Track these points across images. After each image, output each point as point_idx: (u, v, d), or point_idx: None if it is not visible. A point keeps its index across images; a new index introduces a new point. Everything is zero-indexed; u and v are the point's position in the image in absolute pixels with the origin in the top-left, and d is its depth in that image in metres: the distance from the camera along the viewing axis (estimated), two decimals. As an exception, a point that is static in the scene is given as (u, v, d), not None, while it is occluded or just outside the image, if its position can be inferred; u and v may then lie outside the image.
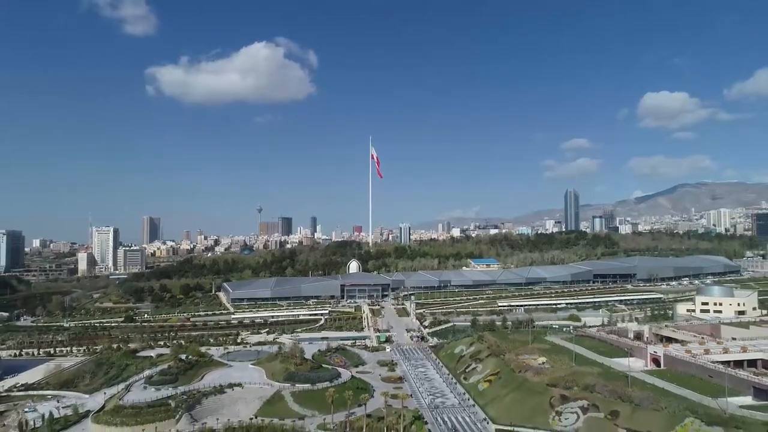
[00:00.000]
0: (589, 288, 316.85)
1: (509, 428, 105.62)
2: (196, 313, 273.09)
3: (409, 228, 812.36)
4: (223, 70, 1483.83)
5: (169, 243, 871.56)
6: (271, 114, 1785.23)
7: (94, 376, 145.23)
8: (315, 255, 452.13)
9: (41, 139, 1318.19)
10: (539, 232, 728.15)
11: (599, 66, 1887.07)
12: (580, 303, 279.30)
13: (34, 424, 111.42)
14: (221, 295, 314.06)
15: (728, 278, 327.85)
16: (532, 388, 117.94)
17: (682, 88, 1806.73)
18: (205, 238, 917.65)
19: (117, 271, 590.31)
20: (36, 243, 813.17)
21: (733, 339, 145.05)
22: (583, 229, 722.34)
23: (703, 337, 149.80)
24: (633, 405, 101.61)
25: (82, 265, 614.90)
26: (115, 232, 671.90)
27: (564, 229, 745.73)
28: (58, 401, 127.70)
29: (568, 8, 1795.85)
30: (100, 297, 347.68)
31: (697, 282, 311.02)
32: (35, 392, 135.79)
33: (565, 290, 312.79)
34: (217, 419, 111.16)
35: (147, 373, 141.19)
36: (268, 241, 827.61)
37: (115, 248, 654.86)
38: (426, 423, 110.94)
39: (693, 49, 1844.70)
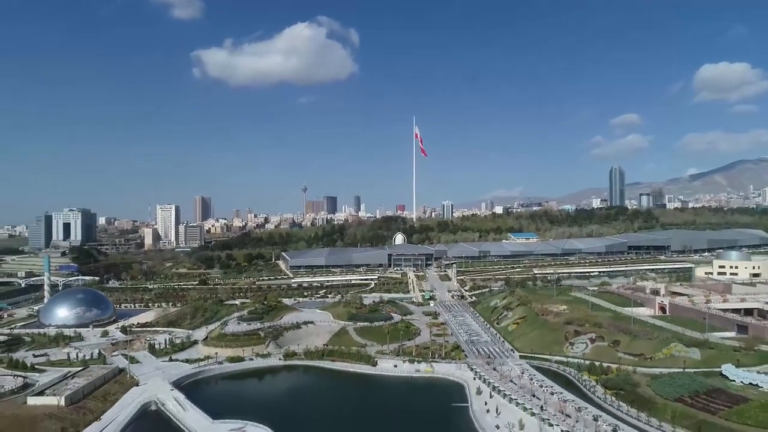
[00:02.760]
0: (623, 259, 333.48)
1: (531, 354, 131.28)
2: (260, 278, 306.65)
3: (452, 206, 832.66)
4: (267, 52, 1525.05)
5: (222, 221, 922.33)
6: (315, 94, 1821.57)
7: (193, 318, 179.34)
8: (362, 229, 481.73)
9: (94, 123, 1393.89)
10: (579, 208, 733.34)
11: (652, 38, 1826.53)
12: (612, 272, 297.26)
13: (159, 346, 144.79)
14: (280, 263, 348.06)
15: (762, 250, 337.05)
16: (551, 326, 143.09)
17: (743, 59, 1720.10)
18: (255, 216, 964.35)
19: (181, 245, 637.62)
20: (102, 221, 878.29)
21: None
22: (634, 207, 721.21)
23: (711, 293, 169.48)
24: (632, 336, 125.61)
25: (148, 240, 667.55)
26: (177, 209, 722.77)
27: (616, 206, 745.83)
28: (169, 334, 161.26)
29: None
30: (171, 265, 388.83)
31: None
32: (150, 329, 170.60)
33: (599, 261, 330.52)
34: (297, 345, 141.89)
35: (237, 314, 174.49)
36: (315, 218, 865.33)
37: (177, 224, 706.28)
38: (463, 351, 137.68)
39: (755, 17, 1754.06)
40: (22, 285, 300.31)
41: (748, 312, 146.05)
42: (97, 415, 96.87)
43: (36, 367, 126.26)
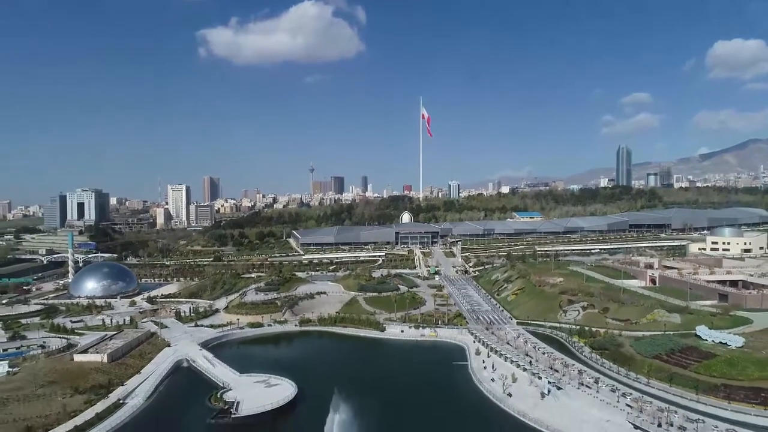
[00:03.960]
0: (624, 236, 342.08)
1: (527, 321, 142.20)
2: (272, 255, 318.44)
3: (458, 186, 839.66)
4: (273, 30, 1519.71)
5: (231, 201, 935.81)
6: (321, 73, 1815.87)
7: (213, 289, 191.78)
8: (370, 209, 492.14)
9: (101, 105, 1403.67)
10: (584, 187, 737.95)
11: (665, 15, 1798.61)
12: (612, 249, 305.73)
13: (184, 313, 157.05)
14: (291, 241, 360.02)
15: (761, 228, 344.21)
16: (547, 295, 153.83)
17: (758, 35, 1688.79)
18: (264, 196, 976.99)
19: (192, 225, 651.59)
20: (113, 201, 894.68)
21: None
22: (639, 187, 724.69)
23: (700, 266, 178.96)
24: (620, 303, 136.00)
25: (160, 219, 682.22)
26: (187, 189, 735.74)
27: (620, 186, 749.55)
28: (192, 304, 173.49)
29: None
30: (186, 243, 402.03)
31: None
32: (174, 299, 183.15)
33: (601, 238, 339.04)
34: (312, 313, 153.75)
35: (254, 285, 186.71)
36: (323, 198, 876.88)
37: (188, 204, 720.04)
38: (465, 319, 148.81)
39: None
40: (44, 261, 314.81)
41: (734, 283, 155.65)
42: (137, 370, 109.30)
43: (75, 331, 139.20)
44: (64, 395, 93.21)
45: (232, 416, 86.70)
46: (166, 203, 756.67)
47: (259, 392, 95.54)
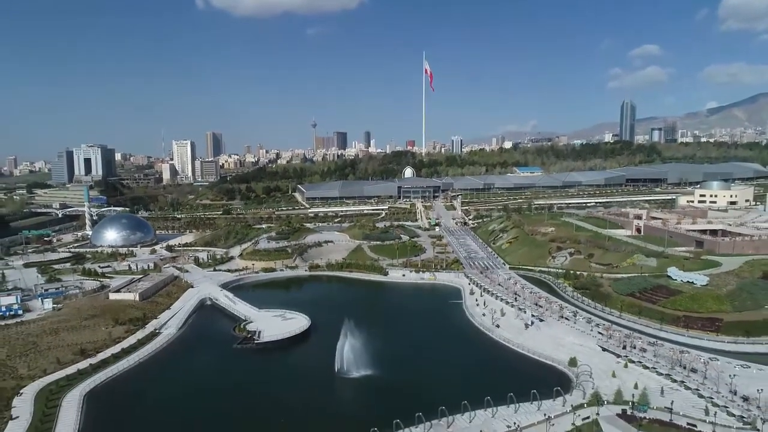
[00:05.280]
0: (620, 190, 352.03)
1: (518, 266, 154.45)
2: (279, 209, 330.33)
3: (461, 141, 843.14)
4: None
5: (234, 156, 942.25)
6: (323, 25, 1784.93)
7: (226, 239, 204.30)
8: (373, 164, 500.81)
9: (101, 60, 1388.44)
10: (585, 142, 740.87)
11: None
12: (608, 202, 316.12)
13: (202, 260, 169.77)
14: (297, 195, 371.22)
15: (755, 183, 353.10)
16: (538, 243, 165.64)
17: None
18: (267, 152, 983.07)
19: (198, 180, 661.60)
20: (118, 156, 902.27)
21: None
22: (641, 142, 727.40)
23: (684, 217, 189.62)
24: (604, 250, 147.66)
25: (166, 175, 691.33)
26: (192, 145, 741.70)
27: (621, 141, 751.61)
28: (208, 252, 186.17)
29: None
30: (194, 198, 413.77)
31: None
32: (191, 248, 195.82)
33: (598, 192, 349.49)
34: (320, 259, 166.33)
35: (266, 235, 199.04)
36: (326, 154, 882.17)
37: (193, 160, 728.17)
38: (462, 264, 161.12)
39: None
40: (60, 215, 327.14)
41: (714, 232, 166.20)
42: (166, 306, 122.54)
43: (105, 275, 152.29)
44: (106, 326, 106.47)
45: (255, 342, 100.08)
46: (171, 159, 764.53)
47: (277, 324, 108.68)
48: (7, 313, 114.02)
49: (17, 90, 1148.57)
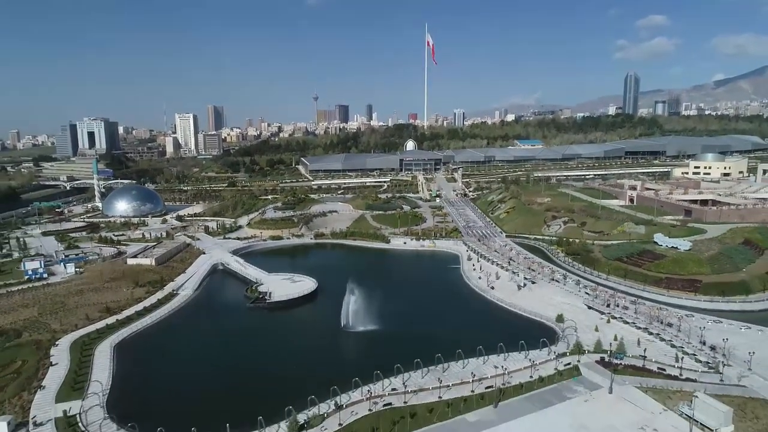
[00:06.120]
0: (619, 163, 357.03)
1: (515, 234, 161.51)
2: (283, 181, 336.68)
3: (464, 114, 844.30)
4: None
5: (236, 129, 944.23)
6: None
7: (234, 209, 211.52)
8: (375, 137, 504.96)
9: (101, 31, 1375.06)
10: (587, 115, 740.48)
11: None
12: (607, 174, 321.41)
13: (211, 228, 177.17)
14: (300, 167, 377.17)
15: (752, 155, 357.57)
16: (534, 213, 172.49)
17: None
18: (269, 125, 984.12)
19: (201, 153, 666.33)
20: (120, 130, 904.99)
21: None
22: (643, 115, 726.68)
23: (677, 187, 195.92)
24: (597, 218, 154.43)
25: (169, 148, 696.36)
26: (195, 118, 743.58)
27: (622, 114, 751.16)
28: (217, 222, 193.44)
29: None
30: (199, 170, 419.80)
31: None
32: (200, 218, 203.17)
33: (597, 165, 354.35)
34: (325, 228, 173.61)
35: (272, 205, 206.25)
36: (328, 127, 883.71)
37: (196, 133, 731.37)
38: (460, 233, 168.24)
39: None
40: (68, 187, 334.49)
41: (704, 202, 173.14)
42: (181, 270, 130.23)
43: (121, 242, 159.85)
44: (127, 287, 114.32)
45: (267, 302, 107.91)
46: (174, 132, 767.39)
47: (286, 286, 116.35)
48: (34, 277, 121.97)
49: (17, 64, 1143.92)
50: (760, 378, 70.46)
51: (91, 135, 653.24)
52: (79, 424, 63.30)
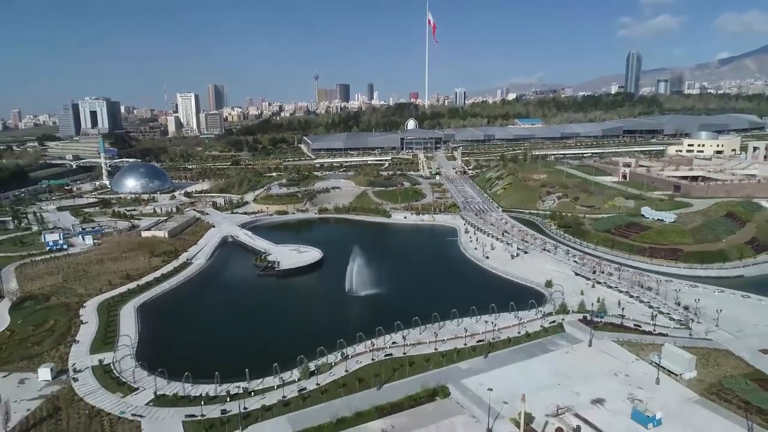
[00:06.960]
0: (617, 141, 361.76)
1: (511, 209, 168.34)
2: (286, 159, 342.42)
3: (465, 93, 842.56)
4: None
5: (237, 109, 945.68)
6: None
7: (240, 186, 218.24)
8: (376, 116, 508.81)
9: (106, 9, 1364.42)
10: (588, 94, 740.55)
11: None
12: (605, 153, 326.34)
13: (219, 204, 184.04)
14: (302, 146, 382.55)
15: (749, 134, 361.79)
16: (530, 188, 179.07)
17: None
18: (270, 105, 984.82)
19: (203, 132, 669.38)
20: (122, 109, 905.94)
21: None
22: (645, 94, 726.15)
23: (669, 165, 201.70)
24: (589, 194, 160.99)
25: (171, 127, 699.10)
26: (196, 97, 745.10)
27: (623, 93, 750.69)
28: (223, 198, 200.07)
29: None
30: (201, 149, 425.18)
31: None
32: (207, 194, 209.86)
33: (595, 143, 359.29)
34: (328, 203, 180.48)
35: (277, 182, 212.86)
36: (329, 106, 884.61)
37: (198, 112, 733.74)
38: (459, 208, 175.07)
39: None
40: (74, 166, 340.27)
41: (694, 178, 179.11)
42: (193, 242, 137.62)
43: (134, 216, 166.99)
44: (144, 257, 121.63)
45: (276, 270, 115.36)
46: (175, 111, 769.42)
47: (293, 255, 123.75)
48: (54, 247, 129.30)
49: (17, 43, 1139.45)
50: (725, 333, 77.98)
51: (93, 114, 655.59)
52: (114, 371, 71.06)
